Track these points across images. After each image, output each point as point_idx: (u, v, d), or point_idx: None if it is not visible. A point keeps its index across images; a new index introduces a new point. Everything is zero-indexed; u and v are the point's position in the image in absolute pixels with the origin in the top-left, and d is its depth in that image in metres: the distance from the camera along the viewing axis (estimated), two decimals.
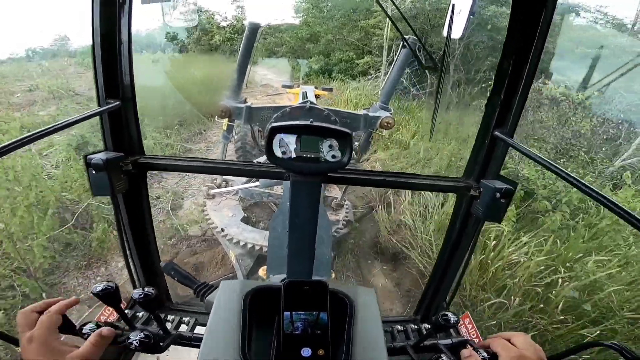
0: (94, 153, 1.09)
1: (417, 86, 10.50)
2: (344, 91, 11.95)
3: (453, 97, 9.11)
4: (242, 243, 3.06)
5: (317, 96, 4.12)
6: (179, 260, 3.85)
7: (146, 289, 0.74)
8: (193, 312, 1.32)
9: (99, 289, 0.70)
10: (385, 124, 2.45)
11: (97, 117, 1.10)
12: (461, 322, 1.49)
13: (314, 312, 0.71)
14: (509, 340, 0.73)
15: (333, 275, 3.01)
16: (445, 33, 1.29)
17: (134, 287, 1.41)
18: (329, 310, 0.71)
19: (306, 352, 0.67)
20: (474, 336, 1.28)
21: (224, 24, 18.93)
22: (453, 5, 1.18)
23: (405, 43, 1.48)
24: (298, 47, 18.85)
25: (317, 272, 1.21)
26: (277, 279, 1.44)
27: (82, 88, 9.50)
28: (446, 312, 0.77)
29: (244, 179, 3.89)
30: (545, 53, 1.02)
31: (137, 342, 0.68)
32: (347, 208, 3.73)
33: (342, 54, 17.05)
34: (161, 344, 0.74)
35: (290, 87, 5.71)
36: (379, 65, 14.13)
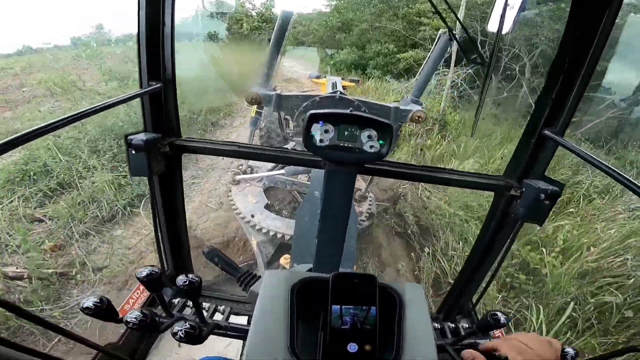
0: (134, 133, 1.11)
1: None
2: (382, 93, 10.13)
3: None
4: (264, 230, 3.09)
5: (343, 87, 4.08)
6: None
7: (190, 276, 0.73)
8: (227, 299, 1.34)
9: (144, 274, 0.70)
10: (417, 118, 2.39)
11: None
12: None
13: (363, 307, 0.69)
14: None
15: (355, 268, 3.01)
16: (490, 27, 1.23)
17: (162, 267, 1.44)
18: (377, 305, 0.69)
19: (352, 347, 0.65)
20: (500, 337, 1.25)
21: (252, 12, 18.16)
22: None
23: (450, 35, 1.41)
24: (327, 37, 16.67)
25: (342, 264, 1.20)
26: (302, 269, 1.44)
27: (89, 82, 8.85)
28: (496, 312, 0.74)
29: (270, 166, 3.92)
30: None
31: (182, 333, 0.66)
32: (370, 200, 3.69)
33: (379, 46, 14.19)
34: (202, 333, 0.73)
35: (317, 77, 5.68)
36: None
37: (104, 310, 0.68)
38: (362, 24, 15.08)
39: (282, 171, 3.68)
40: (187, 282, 0.71)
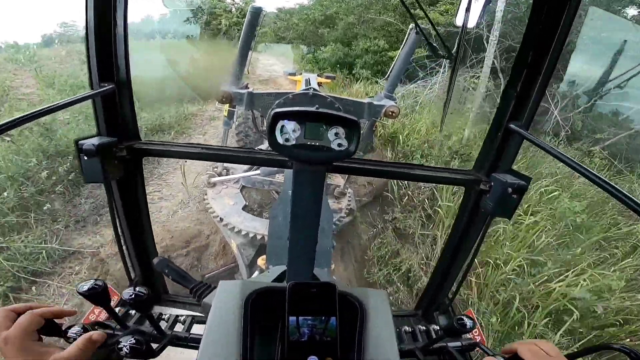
0: (86, 138, 1.04)
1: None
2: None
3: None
4: (243, 232, 3.03)
5: (319, 84, 4.05)
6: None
7: (137, 288, 0.68)
8: (190, 303, 1.28)
9: (85, 288, 0.64)
10: (390, 112, 2.39)
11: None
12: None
13: (322, 317, 0.66)
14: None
15: (333, 266, 2.98)
16: (457, 21, 1.23)
17: (129, 279, 1.37)
18: (338, 315, 0.66)
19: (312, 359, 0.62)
20: (477, 335, 1.25)
21: (232, 6, 16.68)
22: None
23: (417, 28, 1.40)
24: (309, 33, 14.84)
25: (316, 264, 1.17)
26: (277, 270, 1.40)
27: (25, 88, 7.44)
28: (462, 317, 0.72)
29: (245, 167, 3.85)
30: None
31: (127, 349, 0.62)
32: (349, 196, 3.69)
33: (367, 42, 12.50)
34: (155, 346, 0.68)
35: (293, 74, 5.64)
36: (426, 60, 8.95)
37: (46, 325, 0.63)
38: (349, 16, 13.40)
39: (258, 171, 3.62)
40: (132, 296, 0.66)
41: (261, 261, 2.69)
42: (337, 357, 0.63)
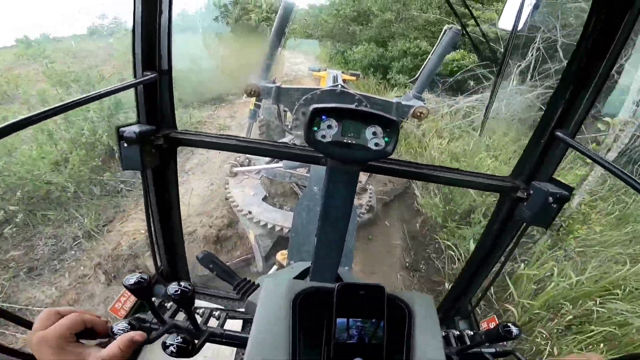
0: (126, 125, 1.07)
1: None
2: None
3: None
4: (262, 223, 3.06)
5: (344, 81, 4.02)
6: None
7: (182, 283, 0.67)
8: (222, 297, 1.29)
9: (131, 281, 0.64)
10: (418, 113, 2.36)
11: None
12: (486, 326, 1.43)
13: (370, 320, 0.65)
14: None
15: (353, 266, 2.98)
16: (501, 25, 1.19)
17: (155, 264, 1.40)
18: (386, 318, 0.66)
19: None
20: (512, 343, 1.23)
21: (262, 2, 16.15)
22: None
23: (464, 30, 1.36)
24: (339, 30, 13.04)
25: (341, 263, 1.17)
26: (300, 266, 1.41)
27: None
28: (508, 324, 0.70)
29: (267, 158, 3.88)
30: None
31: (174, 348, 0.60)
32: (370, 193, 3.67)
33: (407, 43, 10.75)
34: (195, 342, 0.66)
35: (317, 70, 5.62)
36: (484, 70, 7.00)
37: (88, 331, 0.63)
38: (385, 13, 11.53)
39: (280, 164, 3.64)
40: (179, 292, 0.66)
41: (280, 256, 2.71)
42: None
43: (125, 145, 1.04)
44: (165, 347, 0.61)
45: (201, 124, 7.47)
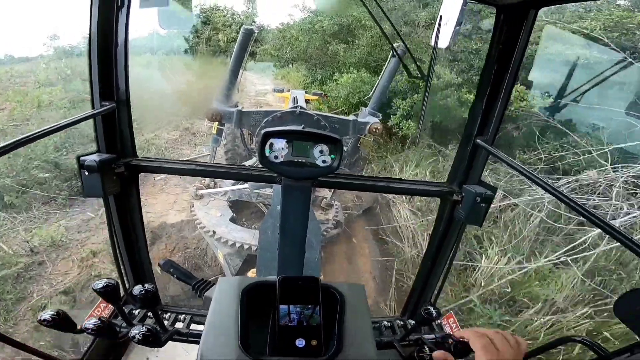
0: (87, 155, 1.10)
1: None
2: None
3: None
4: (230, 242, 3.06)
5: (307, 101, 4.17)
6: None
7: (146, 285, 0.75)
8: (186, 311, 1.33)
9: (100, 285, 0.72)
10: (374, 129, 2.51)
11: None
12: (445, 322, 1.55)
13: (308, 306, 0.75)
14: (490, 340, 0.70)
15: (322, 277, 3.03)
16: (433, 42, 1.35)
17: (124, 289, 1.41)
18: (321, 304, 0.75)
19: (300, 342, 0.71)
20: (455, 328, 1.34)
21: (232, 20, 15.88)
22: (440, 16, 1.24)
23: (394, 52, 1.52)
24: (315, 50, 9.59)
25: (306, 273, 1.24)
26: None
27: None
28: (428, 307, 0.82)
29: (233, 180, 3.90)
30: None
31: (140, 336, 0.69)
32: (336, 208, 3.77)
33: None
34: (161, 338, 0.76)
35: (281, 90, 5.76)
36: None
37: (61, 322, 0.70)
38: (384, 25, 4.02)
39: (246, 185, 3.67)
40: (143, 291, 0.74)
41: (251, 274, 2.73)
42: (321, 340, 0.72)
43: (87, 173, 1.08)
44: (132, 337, 0.69)
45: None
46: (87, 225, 4.57)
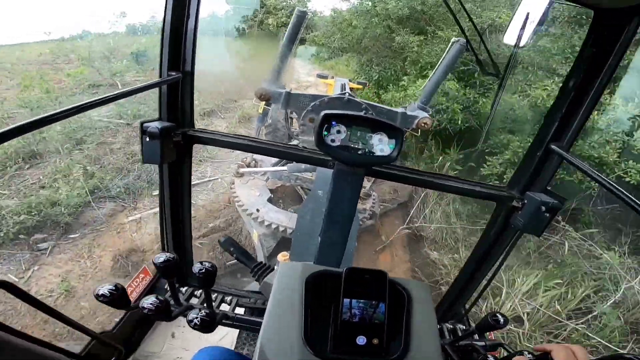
0: (149, 121, 1.14)
1: None
2: None
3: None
4: (266, 223, 3.12)
5: (351, 89, 4.11)
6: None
7: (205, 263, 0.74)
8: (234, 292, 1.35)
9: (161, 259, 0.72)
10: (423, 124, 2.42)
11: None
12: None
13: (373, 302, 0.71)
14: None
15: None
16: (506, 40, 1.25)
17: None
18: (387, 301, 0.72)
19: (361, 340, 0.68)
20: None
21: (283, 4, 15.53)
22: (527, 13, 1.14)
23: (468, 45, 1.42)
24: (373, 39, 7.10)
25: (343, 265, 1.23)
26: None
27: None
28: (496, 313, 0.77)
29: (274, 160, 3.96)
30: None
31: (197, 321, 0.68)
32: (374, 199, 3.72)
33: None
34: (214, 323, 0.74)
35: (325, 77, 5.72)
36: None
37: (118, 298, 0.69)
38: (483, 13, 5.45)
39: (285, 167, 3.71)
40: (203, 270, 0.73)
41: (282, 257, 2.77)
42: (384, 340, 0.69)
43: (147, 139, 1.12)
44: (189, 321, 0.68)
45: None
46: None
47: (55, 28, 10.39)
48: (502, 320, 0.76)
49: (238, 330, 1.82)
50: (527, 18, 1.07)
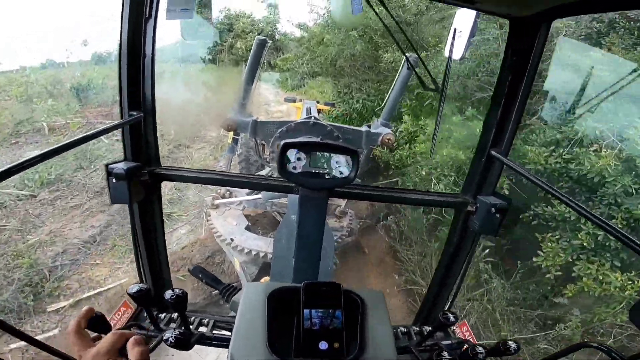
0: (114, 162, 1.16)
1: None
2: None
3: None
4: (246, 250, 3.10)
5: (319, 111, 4.23)
6: None
7: (176, 290, 0.79)
8: (210, 317, 1.35)
9: (134, 290, 0.76)
10: (387, 140, 2.53)
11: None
12: (459, 330, 1.54)
13: (330, 310, 0.78)
14: None
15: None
16: (446, 53, 1.37)
17: None
18: (343, 308, 0.78)
19: (323, 345, 0.74)
20: (469, 336, 1.34)
21: (251, 27, 15.46)
22: (455, 28, 1.27)
23: (407, 63, 1.55)
24: (351, 60, 5.59)
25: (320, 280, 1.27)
26: None
27: None
28: (446, 312, 0.84)
29: (247, 190, 3.96)
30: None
31: (172, 339, 0.73)
32: (350, 216, 3.79)
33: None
34: (190, 341, 0.79)
35: (293, 100, 5.84)
36: None
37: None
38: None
39: (260, 195, 3.73)
40: (174, 296, 0.78)
41: (264, 282, 2.76)
42: (343, 343, 0.75)
43: (114, 181, 1.13)
44: (165, 339, 0.74)
45: None
46: None
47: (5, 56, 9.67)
48: (451, 317, 0.84)
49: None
50: (454, 33, 1.19)
